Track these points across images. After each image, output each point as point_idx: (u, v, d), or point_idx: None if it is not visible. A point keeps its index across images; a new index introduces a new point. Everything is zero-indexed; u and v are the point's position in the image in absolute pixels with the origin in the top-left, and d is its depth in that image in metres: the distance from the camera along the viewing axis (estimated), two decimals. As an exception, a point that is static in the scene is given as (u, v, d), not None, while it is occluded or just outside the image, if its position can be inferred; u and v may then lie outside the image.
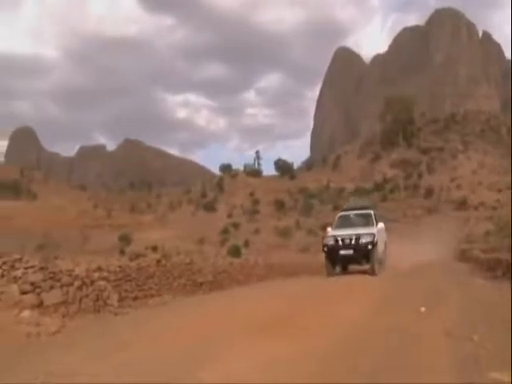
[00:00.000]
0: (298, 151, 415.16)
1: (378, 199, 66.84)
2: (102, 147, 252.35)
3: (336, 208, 49.85)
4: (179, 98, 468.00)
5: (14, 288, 6.86)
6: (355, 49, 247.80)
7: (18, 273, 7.06)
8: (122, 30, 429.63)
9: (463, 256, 19.78)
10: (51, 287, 7.17)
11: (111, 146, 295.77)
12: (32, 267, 7.24)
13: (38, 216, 65.27)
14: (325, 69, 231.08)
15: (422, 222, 56.32)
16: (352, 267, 15.15)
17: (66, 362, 4.86)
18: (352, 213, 15.58)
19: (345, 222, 14.86)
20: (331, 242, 13.65)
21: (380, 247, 13.83)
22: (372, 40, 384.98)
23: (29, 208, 73.02)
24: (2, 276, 7.00)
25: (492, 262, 11.69)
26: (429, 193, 78.32)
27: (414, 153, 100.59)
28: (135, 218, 78.93)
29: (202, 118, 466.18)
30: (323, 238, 14.68)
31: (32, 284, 6.99)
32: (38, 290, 7.00)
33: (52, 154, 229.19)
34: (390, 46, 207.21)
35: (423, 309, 6.36)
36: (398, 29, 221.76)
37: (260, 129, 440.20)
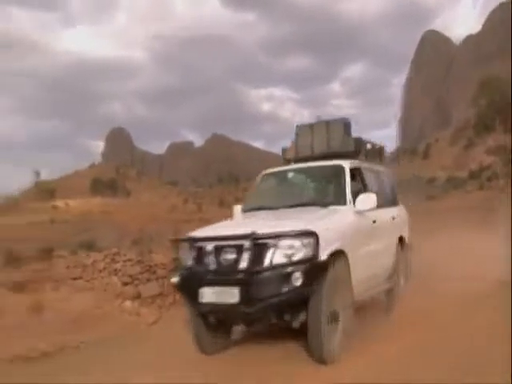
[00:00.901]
0: (383, 141, 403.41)
1: (474, 188, 63.01)
2: (190, 143, 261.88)
3: (427, 198, 47.34)
4: (263, 91, 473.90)
5: (116, 280, 7.31)
6: (444, 31, 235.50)
7: (118, 266, 7.52)
8: (205, 28, 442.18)
9: None
10: (148, 280, 7.53)
11: (199, 142, 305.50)
12: (130, 260, 7.67)
13: (133, 211, 68.77)
14: (412, 54, 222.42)
15: (524, 211, 52.49)
16: None
17: (161, 354, 5.07)
18: (295, 168, 6.30)
19: (270, 195, 6.24)
20: (189, 259, 4.41)
21: (365, 268, 4.86)
22: (462, 20, 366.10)
23: (124, 204, 77.16)
24: (104, 268, 7.48)
25: None
26: (530, 180, 72.63)
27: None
28: (224, 212, 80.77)
29: (287, 111, 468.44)
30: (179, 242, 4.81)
31: (130, 276, 7.41)
32: (136, 282, 7.40)
33: (144, 153, 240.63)
34: (484, 25, 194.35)
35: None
36: (492, 6, 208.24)
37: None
